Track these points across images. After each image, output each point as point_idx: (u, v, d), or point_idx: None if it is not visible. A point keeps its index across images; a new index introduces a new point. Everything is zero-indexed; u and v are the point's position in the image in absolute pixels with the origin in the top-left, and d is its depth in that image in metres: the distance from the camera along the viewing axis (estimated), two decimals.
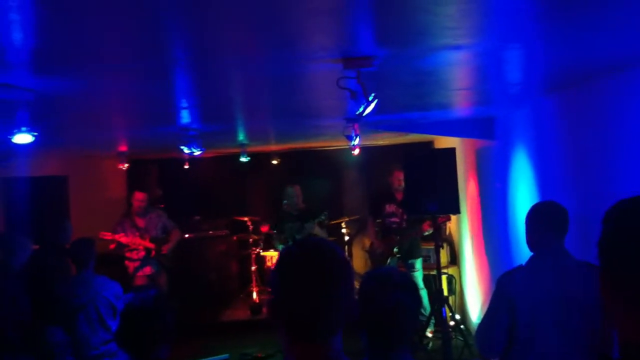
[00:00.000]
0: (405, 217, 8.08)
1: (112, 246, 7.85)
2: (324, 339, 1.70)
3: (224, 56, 2.88)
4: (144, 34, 2.38)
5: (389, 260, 8.16)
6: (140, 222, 8.05)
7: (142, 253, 7.97)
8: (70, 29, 2.22)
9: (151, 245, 7.98)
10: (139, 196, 8.09)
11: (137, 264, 7.97)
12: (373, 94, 3.03)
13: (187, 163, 8.42)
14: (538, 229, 3.52)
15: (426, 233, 7.96)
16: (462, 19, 2.39)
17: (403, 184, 8.05)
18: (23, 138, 3.20)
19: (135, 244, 7.88)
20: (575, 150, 4.39)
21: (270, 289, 1.80)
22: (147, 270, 7.97)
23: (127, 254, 7.97)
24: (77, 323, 5.10)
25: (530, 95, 4.89)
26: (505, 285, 3.46)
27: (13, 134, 3.16)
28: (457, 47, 2.85)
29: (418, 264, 8.20)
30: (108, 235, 7.75)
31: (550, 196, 4.52)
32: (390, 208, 8.24)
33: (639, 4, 2.29)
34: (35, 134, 3.19)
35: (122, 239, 7.80)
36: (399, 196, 8.16)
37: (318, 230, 8.53)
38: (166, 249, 8.10)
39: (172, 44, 2.62)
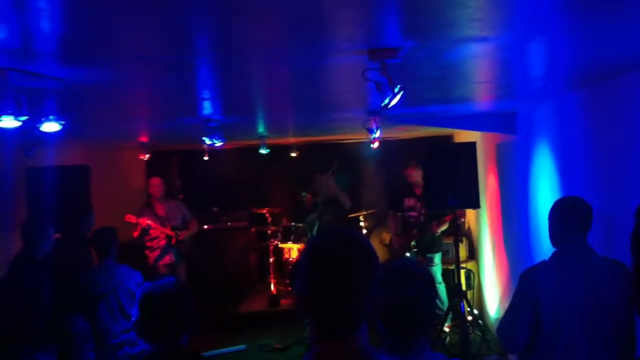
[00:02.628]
0: (423, 211, 8.08)
1: (136, 234, 7.89)
2: (351, 332, 1.69)
3: (249, 49, 2.89)
4: (171, 27, 2.40)
5: (407, 254, 8.17)
6: (161, 211, 8.08)
7: (163, 242, 8.01)
8: (97, 20, 2.24)
9: (172, 233, 8.02)
10: (155, 181, 8.15)
11: (157, 252, 8.01)
12: (399, 86, 3.02)
13: (206, 154, 8.45)
14: (562, 225, 3.50)
15: (437, 234, 7.97)
16: (489, 10, 2.38)
17: (418, 179, 8.12)
18: (51, 127, 3.23)
19: (157, 229, 7.92)
20: (599, 146, 4.35)
21: (295, 282, 1.76)
22: (167, 259, 8.01)
23: (148, 244, 8.01)
24: (98, 312, 5.15)
25: (554, 89, 4.85)
26: (529, 281, 3.45)
27: (41, 122, 3.20)
28: (483, 39, 2.84)
29: (437, 258, 8.20)
30: (133, 219, 7.80)
31: (572, 192, 4.49)
32: (409, 202, 8.25)
33: None
34: (63, 122, 3.22)
35: (146, 222, 7.84)
36: (418, 191, 8.17)
37: (333, 184, 8.54)
38: (183, 235, 8.15)
39: (198, 36, 2.63)
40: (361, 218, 10.01)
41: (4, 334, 4.68)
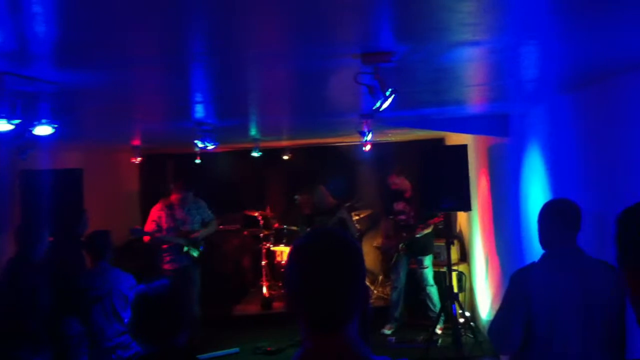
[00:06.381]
0: (412, 214, 8.14)
1: (147, 238, 7.75)
2: (340, 326, 1.73)
3: (244, 52, 2.90)
4: (168, 29, 2.40)
5: (395, 257, 8.25)
6: (179, 214, 7.92)
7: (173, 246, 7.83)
8: (92, 23, 2.25)
9: (182, 242, 7.78)
10: (177, 196, 7.93)
11: (167, 254, 7.82)
12: (390, 89, 3.04)
13: (199, 157, 8.44)
14: (552, 227, 3.52)
15: (419, 235, 8.02)
16: (481, 15, 2.39)
17: (401, 186, 8.21)
18: (44, 130, 3.23)
19: (169, 237, 7.73)
20: (591, 148, 4.38)
21: (284, 281, 1.82)
22: (176, 263, 7.83)
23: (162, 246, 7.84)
24: (93, 315, 5.15)
25: (547, 92, 4.88)
26: (521, 282, 3.45)
27: (33, 126, 3.20)
28: (476, 43, 2.86)
29: (427, 260, 8.23)
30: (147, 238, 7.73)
31: (563, 194, 4.52)
32: (398, 206, 8.32)
33: None
34: (56, 125, 3.22)
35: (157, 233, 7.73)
36: (407, 194, 8.24)
37: (346, 213, 8.58)
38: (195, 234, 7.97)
39: (194, 38, 2.64)
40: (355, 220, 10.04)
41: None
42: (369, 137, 5.99)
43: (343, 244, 1.78)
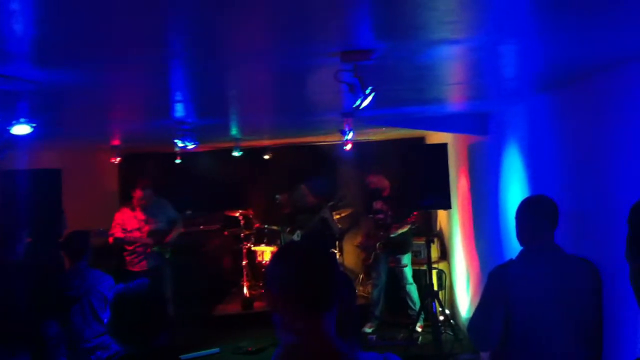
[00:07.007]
0: (390, 213, 8.17)
1: (110, 239, 7.73)
2: (324, 317, 1.91)
3: (225, 49, 2.90)
4: (149, 27, 2.39)
5: (373, 255, 8.29)
6: (141, 214, 7.89)
7: (140, 247, 7.82)
8: (71, 21, 2.23)
9: (148, 241, 7.81)
10: (138, 194, 7.97)
11: (134, 256, 7.86)
12: (370, 87, 3.06)
13: (179, 157, 8.40)
14: (530, 223, 3.52)
15: (393, 235, 8.06)
16: (460, 13, 2.41)
17: (379, 186, 8.26)
18: (22, 129, 3.21)
19: (134, 237, 7.76)
20: (569, 147, 4.43)
21: (272, 280, 1.97)
22: (144, 264, 7.78)
23: (127, 247, 7.83)
24: (71, 316, 5.10)
25: (526, 91, 4.92)
26: (499, 279, 3.46)
27: (11, 125, 3.18)
28: (455, 42, 2.88)
29: (405, 259, 8.25)
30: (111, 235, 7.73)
31: (542, 192, 4.55)
32: (377, 205, 8.35)
33: (636, 2, 2.32)
34: (34, 125, 3.20)
35: (120, 234, 7.72)
36: (385, 193, 8.28)
37: (329, 213, 8.63)
38: (168, 239, 7.95)
39: (176, 38, 2.63)
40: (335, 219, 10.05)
41: None
42: (350, 136, 6.01)
43: (321, 245, 2.08)
